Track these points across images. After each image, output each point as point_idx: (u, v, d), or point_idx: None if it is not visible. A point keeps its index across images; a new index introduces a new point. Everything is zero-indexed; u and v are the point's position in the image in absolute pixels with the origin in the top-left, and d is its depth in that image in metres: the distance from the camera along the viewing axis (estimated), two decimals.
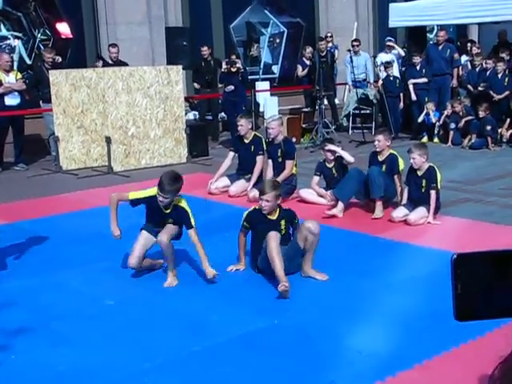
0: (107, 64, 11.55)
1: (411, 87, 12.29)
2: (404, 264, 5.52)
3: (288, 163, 8.03)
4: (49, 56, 10.81)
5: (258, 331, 4.30)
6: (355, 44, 13.70)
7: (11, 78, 10.40)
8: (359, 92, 13.00)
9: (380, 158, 7.32)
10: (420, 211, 6.68)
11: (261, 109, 12.98)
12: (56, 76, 10.18)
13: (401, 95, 12.53)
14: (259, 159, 8.28)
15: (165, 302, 4.89)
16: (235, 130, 9.02)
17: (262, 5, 15.59)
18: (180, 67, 10.79)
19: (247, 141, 8.39)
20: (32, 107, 10.85)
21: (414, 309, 4.54)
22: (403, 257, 5.74)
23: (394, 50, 13.55)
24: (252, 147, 8.35)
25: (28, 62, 12.40)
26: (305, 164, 9.15)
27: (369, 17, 16.78)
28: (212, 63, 12.63)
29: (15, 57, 11.85)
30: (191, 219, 5.15)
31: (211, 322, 4.47)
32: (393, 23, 13.49)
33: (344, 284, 5.08)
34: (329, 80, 12.84)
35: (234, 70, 11.97)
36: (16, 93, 10.39)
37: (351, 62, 12.99)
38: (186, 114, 11.56)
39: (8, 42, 12.29)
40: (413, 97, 12.30)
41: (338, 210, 7.10)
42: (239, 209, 5.73)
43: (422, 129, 12.03)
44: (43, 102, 10.75)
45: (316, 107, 12.22)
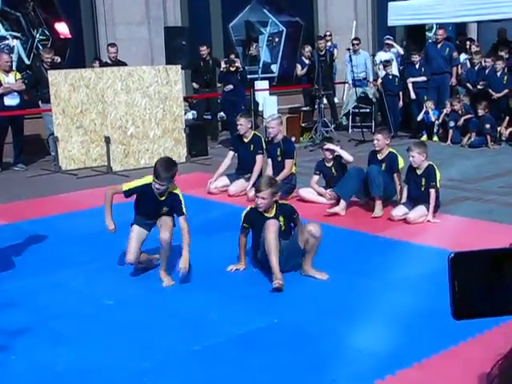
0: (105, 64, 11.55)
1: (410, 86, 12.28)
2: (403, 262, 5.53)
3: (287, 162, 8.02)
4: (47, 56, 10.80)
5: (258, 330, 4.30)
6: (355, 43, 13.68)
7: (11, 79, 10.39)
8: (358, 91, 13.00)
9: (379, 157, 7.32)
10: (419, 210, 6.69)
11: (260, 108, 12.97)
12: (55, 76, 10.17)
13: (400, 94, 12.53)
14: (259, 158, 8.28)
15: (164, 302, 4.89)
16: (235, 130, 9.02)
17: (261, 4, 15.58)
18: (179, 67, 10.78)
19: (247, 140, 8.39)
20: (31, 107, 10.85)
21: (414, 307, 4.54)
22: (403, 255, 5.74)
23: (393, 49, 13.54)
24: (251, 146, 8.35)
25: (27, 62, 12.39)
26: (304, 163, 9.14)
27: (368, 15, 16.76)
28: (210, 63, 12.62)
29: (14, 57, 11.83)
30: (183, 207, 5.20)
31: (211, 322, 4.47)
32: (392, 22, 13.50)
33: (344, 283, 5.08)
34: (328, 79, 12.82)
35: (233, 70, 11.97)
36: (15, 93, 10.39)
37: (350, 61, 12.99)
38: (185, 114, 11.56)
39: (7, 42, 12.28)
40: (412, 95, 12.30)
41: (341, 208, 7.11)
42: (239, 208, 5.72)
43: (422, 127, 12.04)
44: (42, 103, 10.74)
45: (315, 106, 12.22)
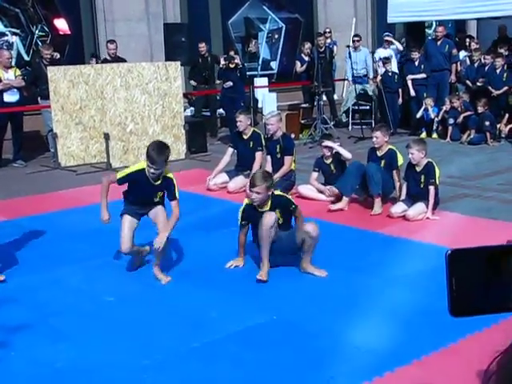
0: (104, 61, 11.55)
1: (410, 83, 12.28)
2: (403, 259, 5.53)
3: (287, 159, 8.02)
4: (47, 52, 10.79)
5: (257, 327, 4.30)
6: (356, 39, 13.63)
7: (10, 75, 10.38)
8: (358, 88, 12.99)
9: (379, 154, 7.32)
10: (419, 207, 6.69)
11: (259, 105, 12.97)
12: (54, 72, 10.16)
13: (399, 91, 12.52)
14: (258, 155, 8.28)
15: (164, 299, 4.89)
16: (234, 126, 9.01)
17: (261, 1, 15.55)
18: (178, 63, 10.77)
19: (246, 137, 8.39)
20: (31, 104, 10.84)
21: (413, 304, 4.54)
22: (402, 252, 5.74)
23: (393, 46, 13.53)
24: (251, 143, 8.35)
25: (26, 59, 12.37)
26: (304, 160, 9.14)
27: (367, 12, 16.75)
28: (209, 59, 12.60)
29: (13, 53, 11.80)
30: (176, 191, 5.20)
31: (210, 318, 4.47)
32: (391, 19, 13.48)
33: (343, 280, 5.08)
34: (327, 76, 12.81)
35: (233, 66, 11.95)
36: (15, 89, 10.37)
37: (350, 58, 12.98)
38: (185, 111, 11.55)
39: (6, 39, 12.26)
40: (411, 92, 12.30)
41: (344, 204, 7.16)
42: (238, 205, 5.71)
43: (421, 124, 12.03)
44: (41, 99, 10.72)
45: (315, 103, 12.22)
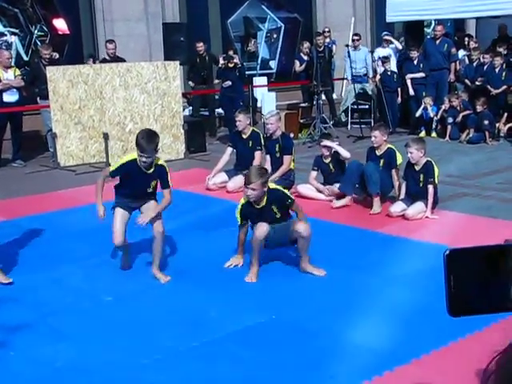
0: (102, 61, 11.54)
1: (409, 82, 12.28)
2: (402, 259, 5.53)
3: (286, 158, 8.02)
4: (46, 52, 10.78)
5: (256, 326, 4.31)
6: (355, 38, 13.63)
7: (10, 75, 10.37)
8: (357, 87, 12.99)
9: (378, 153, 7.33)
10: (418, 206, 6.69)
11: (258, 104, 12.95)
12: (53, 72, 10.15)
13: (398, 90, 12.52)
14: (257, 154, 8.28)
15: (163, 298, 4.90)
16: (233, 126, 9.00)
17: (260, 0, 15.56)
18: (177, 63, 10.76)
19: (245, 136, 8.39)
20: (30, 104, 10.84)
21: (412, 303, 4.54)
22: (401, 251, 5.75)
23: (392, 45, 13.53)
24: (250, 143, 8.35)
25: (25, 59, 12.36)
26: (303, 159, 9.13)
27: (366, 12, 16.74)
28: (207, 59, 12.58)
29: (12, 53, 11.80)
30: (169, 179, 5.20)
31: (209, 318, 4.47)
32: (390, 18, 13.48)
33: (342, 279, 5.08)
34: (326, 75, 12.81)
35: (232, 66, 11.94)
36: (14, 89, 10.37)
37: (349, 57, 12.97)
38: (183, 110, 11.55)
39: (5, 39, 12.25)
40: (410, 91, 12.30)
41: (347, 200, 7.30)
42: (237, 205, 5.71)
43: (420, 123, 12.03)
44: (40, 99, 10.72)
45: (314, 102, 12.21)
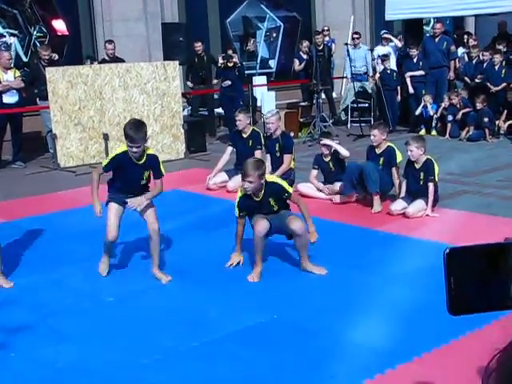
0: (101, 62, 11.54)
1: (408, 80, 12.28)
2: (402, 257, 5.53)
3: (286, 157, 8.02)
4: (45, 53, 10.78)
5: (257, 326, 4.30)
6: (355, 37, 13.62)
7: (9, 76, 10.37)
8: (357, 85, 12.99)
9: (378, 151, 7.33)
10: (418, 204, 6.69)
11: (258, 103, 12.95)
12: (52, 73, 10.15)
13: (398, 88, 12.52)
14: (258, 154, 8.26)
15: (163, 298, 4.89)
16: (233, 125, 9.00)
17: None
18: (177, 63, 10.76)
19: (245, 135, 8.38)
20: (30, 105, 10.83)
21: (413, 302, 4.54)
22: (402, 250, 5.74)
23: (391, 43, 13.53)
24: (250, 142, 8.35)
25: (24, 60, 12.37)
26: (303, 158, 9.13)
27: (365, 10, 16.74)
28: (205, 59, 12.56)
29: (11, 54, 11.81)
30: (162, 168, 5.19)
31: (210, 318, 4.47)
32: (389, 16, 13.47)
33: (343, 278, 5.08)
34: (326, 74, 12.81)
35: (231, 65, 11.94)
36: (14, 91, 10.37)
37: (348, 55, 12.97)
38: (183, 110, 11.54)
39: (4, 40, 12.26)
40: (410, 90, 12.29)
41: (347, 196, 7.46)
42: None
43: (420, 121, 12.03)
44: (40, 100, 10.72)
45: (313, 101, 12.22)
